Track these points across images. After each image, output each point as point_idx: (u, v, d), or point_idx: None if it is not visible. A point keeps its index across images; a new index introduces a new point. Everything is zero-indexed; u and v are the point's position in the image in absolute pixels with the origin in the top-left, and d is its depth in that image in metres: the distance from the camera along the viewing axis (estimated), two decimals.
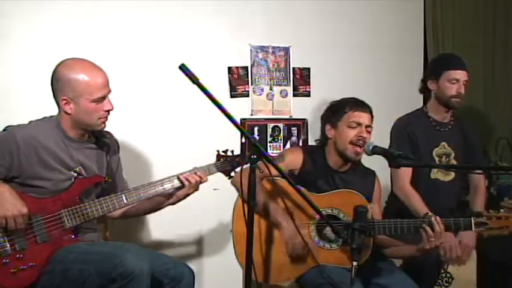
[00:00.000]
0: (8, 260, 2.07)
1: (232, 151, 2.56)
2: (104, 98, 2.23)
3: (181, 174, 2.38)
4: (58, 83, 2.20)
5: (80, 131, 2.30)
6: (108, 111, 2.27)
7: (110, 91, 2.27)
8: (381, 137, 2.88)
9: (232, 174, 2.53)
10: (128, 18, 3.17)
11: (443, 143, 3.02)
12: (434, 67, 3.13)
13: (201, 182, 2.39)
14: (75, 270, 2.08)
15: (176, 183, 2.37)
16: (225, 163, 2.51)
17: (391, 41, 3.84)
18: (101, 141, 2.41)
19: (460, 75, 2.95)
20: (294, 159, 2.61)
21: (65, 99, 2.20)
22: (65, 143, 2.25)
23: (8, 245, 2.08)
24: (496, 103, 4.09)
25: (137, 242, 3.03)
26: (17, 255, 2.09)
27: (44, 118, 2.30)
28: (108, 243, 2.44)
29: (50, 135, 2.23)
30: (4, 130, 2.27)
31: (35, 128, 2.23)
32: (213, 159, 2.52)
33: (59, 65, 2.23)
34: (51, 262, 2.12)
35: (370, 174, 2.72)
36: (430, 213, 2.49)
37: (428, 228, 2.35)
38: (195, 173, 2.38)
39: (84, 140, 2.33)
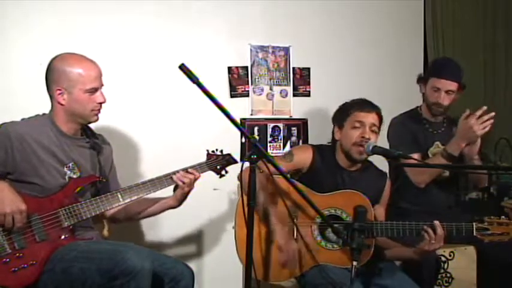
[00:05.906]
0: (8, 260, 2.07)
1: (221, 150, 2.58)
2: (96, 89, 2.29)
3: (174, 172, 2.39)
4: (53, 74, 2.26)
5: (73, 125, 2.32)
6: (100, 104, 2.32)
7: (102, 84, 2.32)
8: (381, 137, 2.87)
9: (223, 172, 2.55)
10: (128, 18, 3.17)
11: (437, 142, 3.03)
12: (428, 70, 3.14)
13: (195, 180, 2.40)
14: (75, 268, 2.08)
15: (170, 183, 2.39)
16: (216, 161, 2.53)
17: (391, 41, 3.85)
18: (94, 141, 2.43)
19: (444, 84, 2.93)
20: (304, 158, 2.61)
21: (59, 90, 2.25)
22: (58, 138, 2.28)
23: (7, 244, 2.08)
24: (496, 103, 4.09)
25: (136, 242, 3.01)
26: (17, 254, 2.09)
27: (36, 115, 2.33)
28: (107, 242, 2.45)
29: (43, 130, 2.26)
30: None
31: (27, 124, 2.26)
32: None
33: (54, 58, 2.30)
34: (51, 261, 2.12)
35: (382, 176, 2.72)
36: None
37: (430, 231, 2.36)
38: (187, 171, 2.39)
39: (77, 136, 2.36)
